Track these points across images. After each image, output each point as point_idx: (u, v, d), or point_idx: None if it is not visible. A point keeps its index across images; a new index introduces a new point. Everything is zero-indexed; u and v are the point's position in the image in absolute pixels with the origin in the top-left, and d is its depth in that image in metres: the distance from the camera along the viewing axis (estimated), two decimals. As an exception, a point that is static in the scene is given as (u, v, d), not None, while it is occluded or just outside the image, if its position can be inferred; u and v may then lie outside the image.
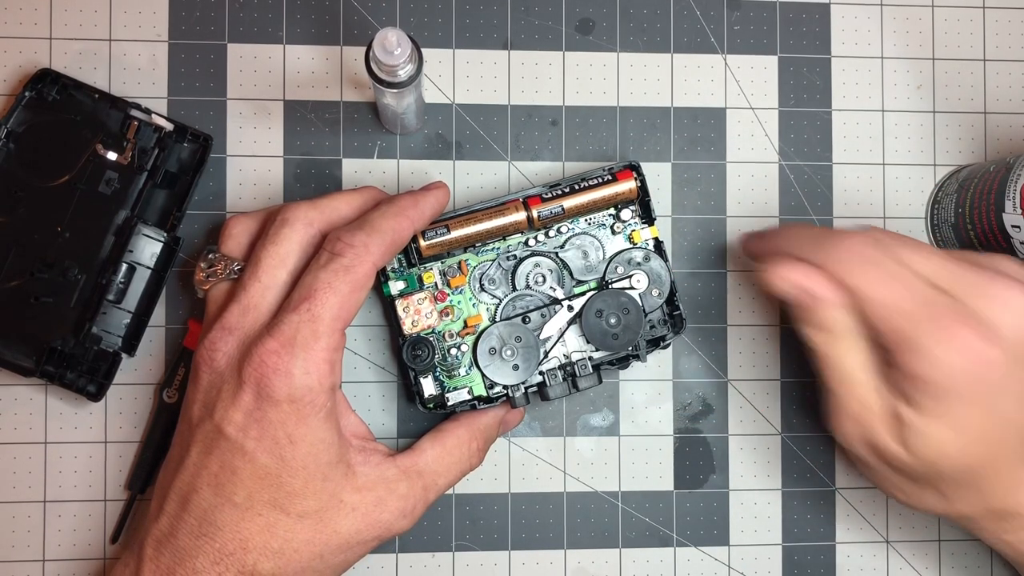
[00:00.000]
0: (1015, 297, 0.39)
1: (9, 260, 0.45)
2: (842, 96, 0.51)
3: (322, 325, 0.40)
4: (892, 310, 0.39)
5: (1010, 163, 0.45)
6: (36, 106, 0.46)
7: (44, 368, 0.45)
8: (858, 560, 0.50)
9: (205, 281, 0.43)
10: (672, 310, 0.47)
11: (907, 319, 0.39)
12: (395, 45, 0.39)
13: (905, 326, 0.39)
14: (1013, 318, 0.39)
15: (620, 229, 0.47)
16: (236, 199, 0.49)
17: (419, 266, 0.46)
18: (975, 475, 0.41)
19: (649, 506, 0.50)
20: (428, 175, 0.50)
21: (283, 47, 0.49)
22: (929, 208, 0.51)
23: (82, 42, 0.48)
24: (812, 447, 0.51)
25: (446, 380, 0.46)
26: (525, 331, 0.46)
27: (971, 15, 0.52)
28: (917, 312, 0.39)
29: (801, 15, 0.51)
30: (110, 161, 0.46)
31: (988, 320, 0.39)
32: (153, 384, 0.48)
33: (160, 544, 0.40)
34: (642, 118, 0.51)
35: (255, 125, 0.49)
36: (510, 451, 0.49)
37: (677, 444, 0.50)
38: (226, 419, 0.40)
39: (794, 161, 0.51)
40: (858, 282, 0.40)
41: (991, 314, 0.39)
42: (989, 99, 0.52)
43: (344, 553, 0.42)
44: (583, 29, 0.50)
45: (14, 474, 0.47)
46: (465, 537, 0.49)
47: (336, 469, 0.41)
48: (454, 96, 0.50)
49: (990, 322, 0.38)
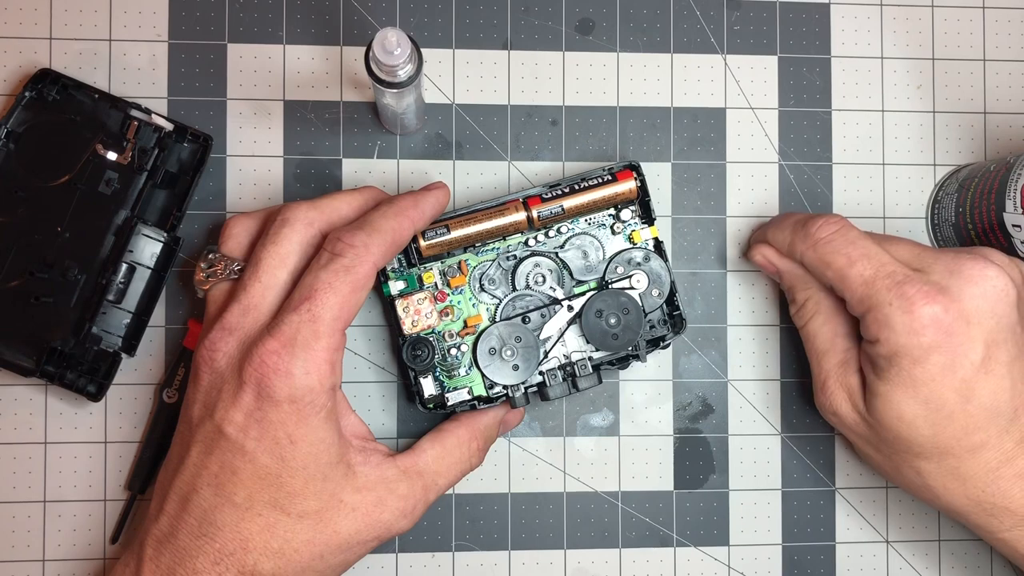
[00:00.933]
0: (982, 273, 0.41)
1: (9, 260, 0.45)
2: (842, 96, 0.51)
3: (323, 325, 0.40)
4: (860, 281, 0.42)
5: (1010, 162, 0.45)
6: (36, 106, 0.46)
7: (44, 368, 0.45)
8: (858, 560, 0.50)
9: (205, 281, 0.43)
10: (672, 310, 0.47)
11: (871, 287, 0.42)
12: (395, 45, 0.39)
13: (869, 292, 0.42)
14: (979, 290, 0.41)
15: (620, 229, 0.47)
16: (236, 199, 0.49)
17: (419, 266, 0.46)
18: (947, 455, 0.42)
19: (649, 506, 0.50)
20: (428, 175, 0.50)
21: (283, 47, 0.49)
22: (929, 208, 0.51)
23: (82, 42, 0.48)
24: (812, 447, 0.51)
25: (446, 380, 0.46)
26: (525, 331, 0.46)
27: (971, 15, 0.52)
28: (880, 281, 0.41)
29: (801, 15, 0.51)
30: (110, 161, 0.46)
31: (946, 288, 0.40)
32: (153, 384, 0.48)
33: (160, 544, 0.40)
34: (642, 118, 0.51)
35: (255, 125, 0.49)
36: (510, 451, 0.49)
37: (677, 444, 0.50)
38: (226, 419, 0.40)
39: (794, 161, 0.51)
40: (833, 258, 0.43)
41: (955, 286, 0.41)
42: (989, 99, 0.52)
43: (344, 553, 0.42)
44: (583, 29, 0.51)
45: (14, 474, 0.47)
46: (465, 537, 0.49)
47: (336, 469, 0.41)
48: (454, 96, 0.50)
49: (946, 289, 0.40)
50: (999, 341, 0.40)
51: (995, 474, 0.41)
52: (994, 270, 0.41)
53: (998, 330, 0.40)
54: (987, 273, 0.41)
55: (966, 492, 0.42)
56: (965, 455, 0.41)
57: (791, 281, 0.47)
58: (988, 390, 0.40)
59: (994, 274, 0.41)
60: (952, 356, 0.40)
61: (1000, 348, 0.40)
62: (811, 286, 0.46)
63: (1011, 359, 0.41)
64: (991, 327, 0.40)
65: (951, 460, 0.42)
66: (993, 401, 0.41)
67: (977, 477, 0.41)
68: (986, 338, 0.40)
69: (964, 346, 0.40)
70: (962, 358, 0.40)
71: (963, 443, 0.41)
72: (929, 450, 0.42)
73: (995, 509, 0.42)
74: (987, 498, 0.42)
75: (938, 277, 0.41)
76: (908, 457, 0.43)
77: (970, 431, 0.41)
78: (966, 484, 0.42)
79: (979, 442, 0.41)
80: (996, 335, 0.40)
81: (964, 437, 0.41)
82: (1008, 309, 0.41)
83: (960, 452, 0.41)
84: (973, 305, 0.40)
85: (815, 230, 0.44)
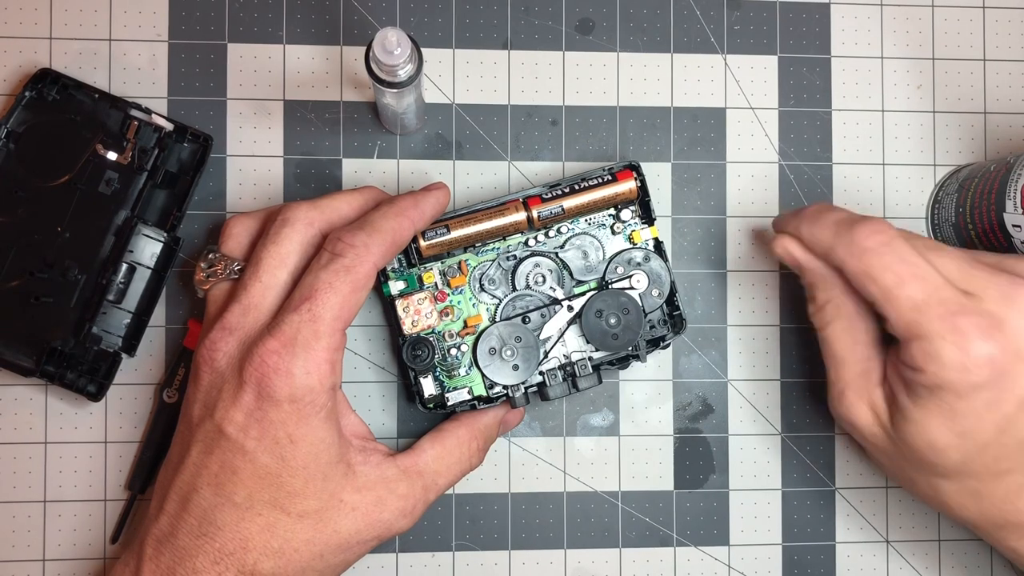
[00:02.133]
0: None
1: (9, 260, 0.45)
2: (842, 96, 0.51)
3: (323, 325, 0.40)
4: (910, 305, 0.39)
5: (1010, 162, 0.45)
6: (36, 106, 0.46)
7: (44, 368, 0.45)
8: (858, 560, 0.50)
9: (205, 281, 0.43)
10: (672, 310, 0.47)
11: (922, 314, 0.39)
12: (395, 45, 0.39)
13: (919, 320, 0.39)
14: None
15: (620, 229, 0.47)
16: (236, 199, 0.49)
17: (419, 266, 0.46)
18: (970, 477, 0.41)
19: (649, 506, 0.50)
20: (428, 175, 0.50)
21: (283, 47, 0.49)
22: (930, 208, 0.51)
23: (82, 42, 0.48)
24: (812, 447, 0.51)
25: (446, 380, 0.46)
26: (525, 331, 0.46)
27: (971, 15, 0.52)
28: (933, 309, 0.39)
29: (801, 15, 0.51)
30: (110, 161, 0.46)
31: (1002, 321, 0.38)
32: (153, 384, 0.48)
33: (160, 544, 0.40)
34: (642, 118, 0.51)
35: (255, 125, 0.49)
36: (510, 451, 0.49)
37: (677, 444, 0.50)
38: (227, 419, 0.40)
39: (794, 161, 0.51)
40: (880, 274, 0.40)
41: (1012, 318, 0.39)
42: (989, 99, 0.52)
43: (344, 553, 0.42)
44: (583, 29, 0.51)
45: (14, 474, 0.47)
46: (465, 537, 0.49)
47: (336, 469, 0.41)
48: (454, 96, 0.50)
49: (1002, 323, 0.38)
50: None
51: (1015, 495, 0.41)
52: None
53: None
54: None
55: (982, 509, 0.41)
56: (988, 479, 0.40)
57: (813, 279, 0.44)
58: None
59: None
60: (1000, 393, 0.39)
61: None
62: (834, 288, 0.43)
63: None
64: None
65: (973, 482, 0.41)
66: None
67: (996, 497, 0.41)
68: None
69: (1015, 382, 0.38)
70: (1008, 394, 0.39)
71: (991, 469, 0.40)
72: (953, 474, 0.41)
73: (1008, 524, 0.41)
74: (1002, 515, 0.41)
75: (993, 306, 0.39)
76: (928, 476, 0.42)
77: (1000, 460, 0.40)
78: (983, 503, 0.41)
79: (1006, 469, 0.40)
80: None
81: (993, 465, 0.40)
82: None
83: (985, 477, 0.40)
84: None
85: (862, 238, 0.40)
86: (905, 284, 0.39)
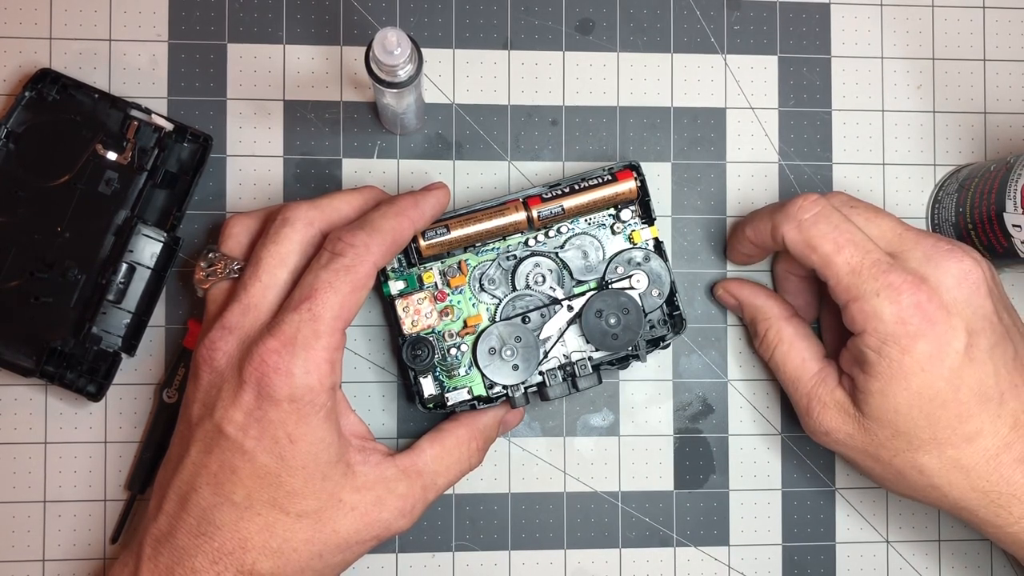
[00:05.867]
0: (959, 265, 0.42)
1: (9, 260, 0.45)
2: (842, 96, 0.51)
3: (323, 324, 0.40)
4: (847, 269, 0.42)
5: (1010, 162, 0.45)
6: (36, 106, 0.46)
7: (44, 368, 0.45)
8: (858, 560, 0.50)
9: (205, 280, 0.43)
10: (672, 310, 0.47)
11: (857, 276, 0.42)
12: (395, 45, 0.39)
13: (856, 282, 0.42)
14: (954, 281, 0.42)
15: (620, 229, 0.47)
16: (236, 199, 0.49)
17: (419, 266, 0.46)
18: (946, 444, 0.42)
19: (649, 506, 0.50)
20: (428, 175, 0.50)
21: (283, 47, 0.49)
22: (930, 208, 0.51)
23: (82, 42, 0.48)
24: (812, 447, 0.51)
25: (446, 380, 0.46)
26: (525, 331, 0.46)
27: (971, 15, 0.52)
28: (866, 271, 0.42)
29: (801, 15, 0.51)
30: (110, 161, 0.46)
31: (925, 278, 0.42)
32: (153, 384, 0.48)
33: (159, 543, 0.40)
34: (642, 118, 0.51)
35: (255, 125, 0.49)
36: (510, 451, 0.49)
37: (677, 444, 0.50)
38: (226, 418, 0.40)
39: (794, 161, 0.51)
40: (820, 242, 0.43)
41: (934, 276, 0.42)
42: (989, 99, 0.52)
43: (343, 552, 0.42)
44: (583, 29, 0.51)
45: (14, 474, 0.47)
46: (465, 537, 0.49)
47: (336, 468, 0.41)
48: (454, 96, 0.50)
49: (926, 279, 0.42)
50: (978, 329, 0.42)
51: (996, 461, 0.42)
52: (969, 262, 0.42)
53: (976, 319, 0.42)
54: (963, 266, 0.42)
55: (971, 484, 0.42)
56: (963, 444, 0.42)
57: (752, 313, 0.48)
58: (974, 376, 0.42)
59: (970, 267, 0.42)
60: (937, 344, 0.41)
61: (980, 336, 0.42)
62: (770, 315, 0.47)
63: (991, 345, 0.42)
64: (969, 316, 0.42)
65: (950, 451, 0.42)
66: (980, 387, 0.42)
67: (979, 466, 0.42)
68: (966, 327, 0.42)
69: (947, 334, 0.41)
70: (946, 346, 0.41)
71: (959, 432, 0.42)
72: (927, 442, 0.42)
73: (1001, 498, 0.42)
74: (992, 487, 0.42)
75: (917, 265, 0.42)
76: (908, 455, 0.43)
77: (964, 419, 0.42)
78: (969, 475, 0.42)
79: (975, 430, 0.42)
80: (975, 324, 0.42)
81: (959, 425, 0.42)
82: (983, 300, 0.42)
83: (958, 442, 0.42)
84: (951, 296, 0.42)
85: (796, 210, 0.44)
86: (842, 250, 0.42)
